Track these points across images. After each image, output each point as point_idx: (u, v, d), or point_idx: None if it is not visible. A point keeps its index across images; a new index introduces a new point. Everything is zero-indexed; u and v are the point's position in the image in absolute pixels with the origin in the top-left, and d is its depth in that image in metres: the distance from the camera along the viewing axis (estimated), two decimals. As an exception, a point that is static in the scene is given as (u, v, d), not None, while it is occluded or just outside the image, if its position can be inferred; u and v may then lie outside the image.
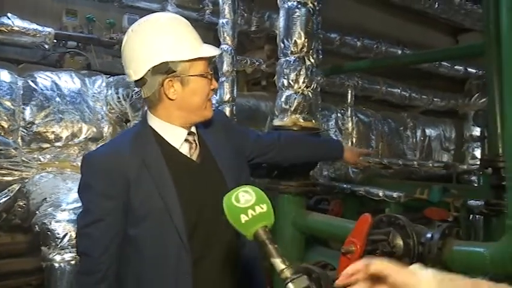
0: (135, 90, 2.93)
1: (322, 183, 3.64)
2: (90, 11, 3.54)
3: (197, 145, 1.37)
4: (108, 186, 1.26)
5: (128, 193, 1.25)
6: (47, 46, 3.10)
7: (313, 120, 2.06)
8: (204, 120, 1.37)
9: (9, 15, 2.94)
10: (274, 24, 3.84)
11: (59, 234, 2.11)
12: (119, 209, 1.26)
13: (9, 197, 2.63)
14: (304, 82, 2.01)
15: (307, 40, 2.01)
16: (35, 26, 3.03)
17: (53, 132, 2.84)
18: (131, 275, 1.30)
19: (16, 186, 2.66)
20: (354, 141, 3.87)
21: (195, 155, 1.36)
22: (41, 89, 2.86)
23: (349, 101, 3.78)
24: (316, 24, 2.09)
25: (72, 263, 2.08)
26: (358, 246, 0.97)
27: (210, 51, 1.33)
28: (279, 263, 0.76)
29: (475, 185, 4.57)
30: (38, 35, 3.03)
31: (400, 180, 4.17)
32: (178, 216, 1.25)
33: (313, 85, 2.04)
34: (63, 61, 3.30)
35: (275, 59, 2.34)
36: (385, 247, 1.09)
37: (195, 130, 1.37)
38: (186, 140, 1.34)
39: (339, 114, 4.48)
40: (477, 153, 5.30)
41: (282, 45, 2.06)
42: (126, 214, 1.27)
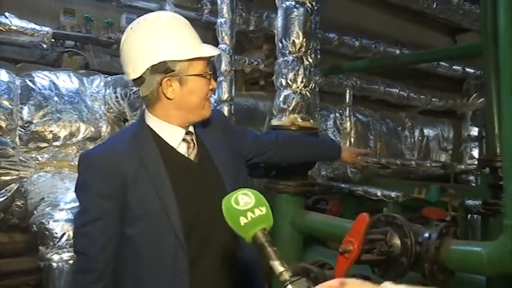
0: (133, 89, 2.93)
1: (320, 183, 3.65)
2: (88, 11, 3.53)
3: (195, 145, 1.36)
4: (106, 186, 1.26)
5: (125, 192, 1.25)
6: (44, 45, 3.09)
7: (312, 120, 2.06)
8: (202, 120, 1.37)
9: (7, 14, 2.93)
10: (273, 23, 3.83)
11: (57, 233, 2.10)
12: (116, 208, 1.26)
13: (7, 196, 2.62)
14: (302, 82, 2.01)
15: (305, 40, 2.01)
16: (32, 25, 3.01)
17: (51, 131, 2.83)
18: (128, 274, 1.30)
19: (14, 186, 2.65)
20: (352, 141, 3.88)
21: (193, 155, 1.35)
22: (39, 89, 2.85)
23: (347, 100, 3.80)
24: (315, 24, 2.09)
25: (70, 262, 2.07)
26: (355, 246, 0.97)
27: (210, 51, 1.33)
28: (277, 266, 0.76)
29: (473, 184, 4.60)
30: (35, 35, 3.02)
31: (398, 180, 4.18)
32: (175, 215, 1.25)
33: (311, 85, 2.04)
34: (61, 60, 3.28)
35: (273, 59, 2.34)
36: (382, 246, 1.09)
37: (193, 130, 1.37)
38: (184, 139, 1.34)
39: (337, 114, 4.48)
40: (475, 153, 5.31)
41: (280, 45, 2.06)
42: (124, 213, 1.27)
